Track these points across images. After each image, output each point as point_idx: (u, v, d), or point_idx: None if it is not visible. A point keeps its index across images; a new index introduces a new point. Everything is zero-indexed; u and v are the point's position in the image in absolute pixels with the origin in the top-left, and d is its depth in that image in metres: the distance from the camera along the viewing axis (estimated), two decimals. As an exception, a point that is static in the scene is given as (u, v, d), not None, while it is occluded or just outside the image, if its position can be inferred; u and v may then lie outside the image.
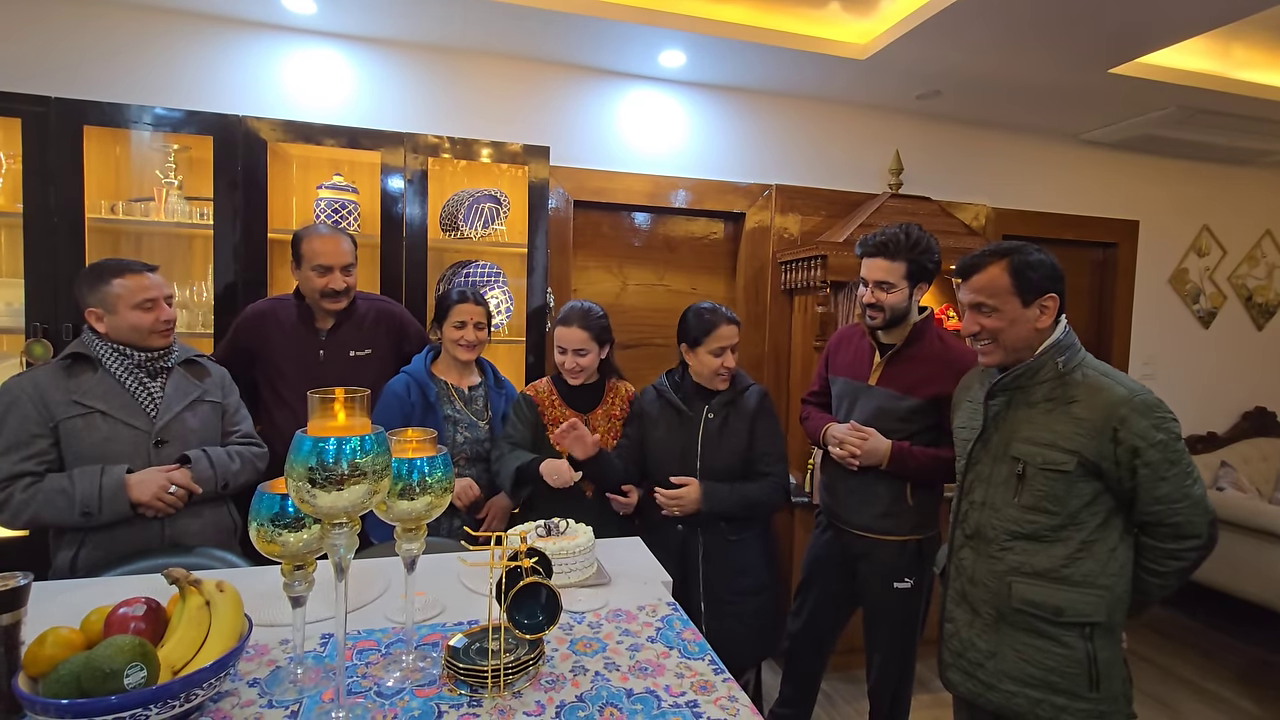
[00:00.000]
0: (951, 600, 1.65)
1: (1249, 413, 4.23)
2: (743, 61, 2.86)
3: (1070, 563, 1.46)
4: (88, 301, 1.72)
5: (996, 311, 1.52)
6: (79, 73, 2.43)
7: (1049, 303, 1.50)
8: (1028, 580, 1.49)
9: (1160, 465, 1.38)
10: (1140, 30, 2.45)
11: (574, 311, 2.02)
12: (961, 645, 1.61)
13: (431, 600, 1.39)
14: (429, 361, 2.12)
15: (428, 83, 2.80)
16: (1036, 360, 1.51)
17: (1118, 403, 1.41)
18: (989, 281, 1.53)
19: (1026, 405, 1.53)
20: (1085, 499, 1.45)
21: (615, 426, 2.07)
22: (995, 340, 1.54)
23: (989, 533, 1.56)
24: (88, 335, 1.74)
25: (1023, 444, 1.51)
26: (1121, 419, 1.40)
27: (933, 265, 1.92)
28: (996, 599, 1.53)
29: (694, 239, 3.34)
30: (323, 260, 2.08)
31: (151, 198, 2.40)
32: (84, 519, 1.63)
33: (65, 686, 0.87)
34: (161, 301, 1.77)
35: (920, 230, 1.92)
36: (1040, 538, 1.49)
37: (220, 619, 1.05)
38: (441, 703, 1.05)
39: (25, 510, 1.62)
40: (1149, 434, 1.38)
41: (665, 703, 1.08)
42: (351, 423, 0.94)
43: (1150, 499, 1.41)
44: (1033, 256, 1.51)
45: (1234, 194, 4.15)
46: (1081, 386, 1.47)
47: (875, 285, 1.92)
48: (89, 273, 1.76)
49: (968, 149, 3.57)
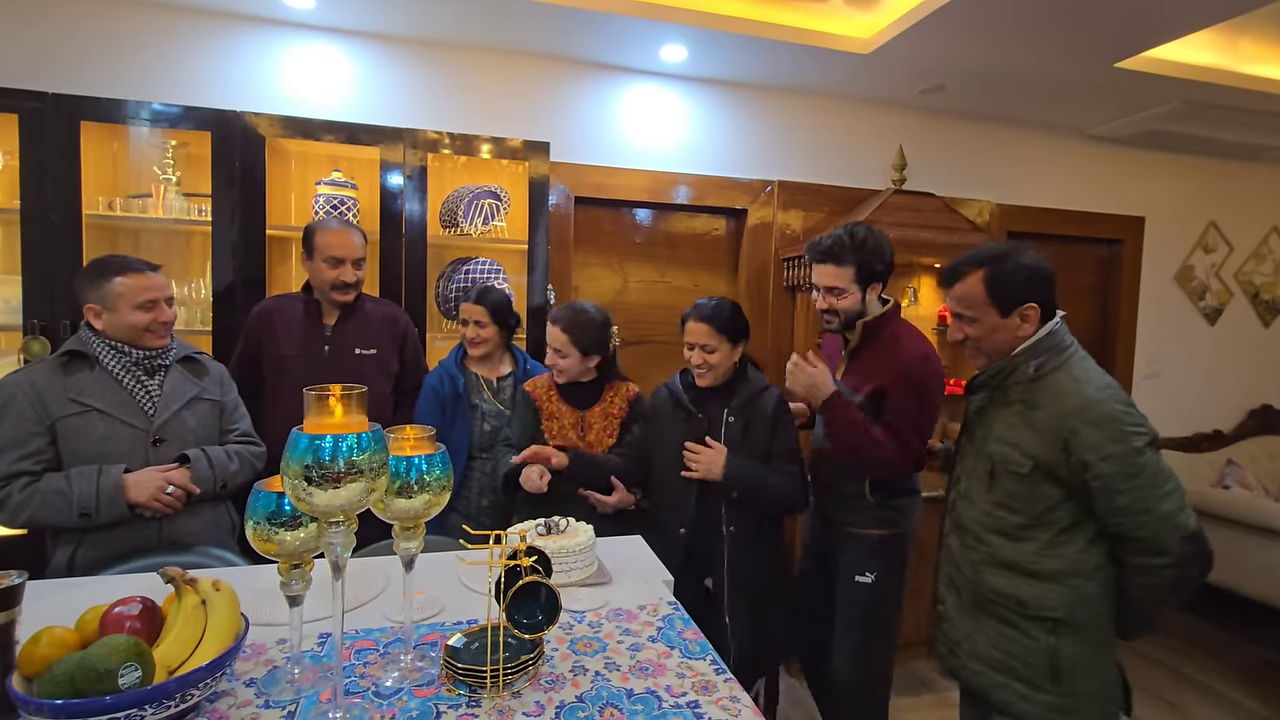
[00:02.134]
0: (942, 582, 1.71)
1: (1255, 410, 4.21)
2: (745, 56, 2.84)
3: (1037, 559, 1.48)
4: (87, 297, 1.70)
5: (975, 322, 1.54)
6: (76, 68, 2.41)
7: (1029, 311, 1.49)
8: (997, 571, 1.53)
9: (1114, 479, 1.37)
10: (1146, 24, 2.42)
11: (562, 310, 2.02)
12: (948, 625, 1.66)
13: (430, 599, 1.38)
14: (460, 355, 2.24)
15: (427, 78, 2.78)
16: (1009, 362, 1.53)
17: (1069, 413, 1.41)
18: (966, 292, 1.53)
19: (1003, 405, 1.55)
20: (1049, 502, 1.46)
21: (613, 425, 2.05)
22: (978, 347, 1.56)
23: (967, 523, 1.61)
24: (85, 332, 1.73)
25: (995, 443, 1.54)
26: (1072, 430, 1.39)
27: (882, 266, 1.89)
28: (973, 585, 1.58)
29: (695, 235, 3.33)
30: (335, 252, 2.11)
31: (149, 194, 2.39)
32: (82, 520, 1.62)
33: (60, 686, 0.86)
34: (162, 302, 1.76)
35: (868, 230, 1.89)
36: (1009, 534, 1.52)
37: (216, 618, 1.04)
38: (440, 703, 1.04)
39: (23, 511, 1.61)
40: (1101, 447, 1.37)
41: (666, 703, 1.06)
42: (348, 420, 0.93)
43: (1109, 510, 1.40)
44: (1011, 264, 1.49)
45: (1241, 190, 4.12)
46: (1047, 391, 1.46)
47: (826, 291, 1.91)
48: (91, 269, 1.74)
49: (972, 144, 3.54)
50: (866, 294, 1.90)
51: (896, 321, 1.97)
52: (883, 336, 1.94)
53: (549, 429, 2.02)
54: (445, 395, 2.16)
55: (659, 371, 2.14)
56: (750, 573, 1.93)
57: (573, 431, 2.01)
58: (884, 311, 1.95)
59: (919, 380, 1.87)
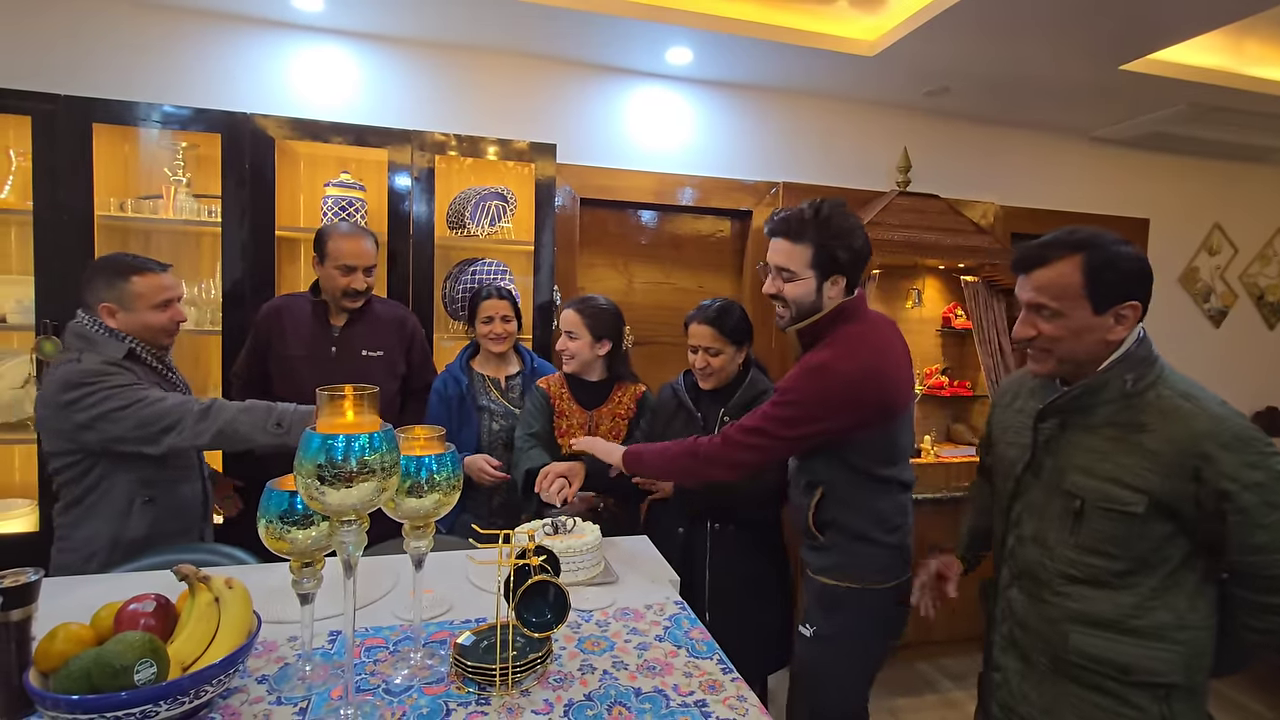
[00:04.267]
0: (999, 647, 1.40)
1: (1260, 413, 4.20)
2: (750, 58, 2.85)
3: (1140, 613, 1.20)
4: (101, 296, 1.71)
5: (1060, 317, 1.24)
6: (88, 71, 2.44)
7: (1128, 311, 1.21)
8: (1087, 631, 1.24)
9: (1258, 511, 1.11)
10: (1151, 26, 2.43)
11: (574, 299, 2.07)
12: (1011, 697, 1.36)
13: (439, 598, 1.39)
14: (467, 357, 2.24)
15: (435, 80, 2.80)
16: (1099, 377, 1.24)
17: (1200, 435, 1.14)
18: (1056, 279, 1.24)
19: (1085, 429, 1.26)
20: (1155, 542, 1.19)
21: (620, 426, 2.06)
22: (1051, 349, 1.27)
23: (1041, 574, 1.31)
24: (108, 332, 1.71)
25: (1080, 475, 1.25)
26: (1205, 455, 1.13)
27: (846, 254, 1.53)
28: (1051, 647, 1.28)
29: (701, 237, 3.34)
30: (348, 260, 2.11)
31: (160, 195, 2.41)
32: (275, 432, 1.68)
33: (76, 682, 0.87)
34: (175, 302, 1.79)
35: (836, 208, 1.54)
36: (1102, 583, 1.23)
37: (229, 616, 1.05)
38: (450, 700, 1.05)
39: (223, 414, 1.67)
40: (1242, 474, 1.12)
41: (674, 702, 1.07)
42: (360, 420, 0.94)
43: (1244, 548, 1.14)
44: (1115, 252, 1.22)
45: (1246, 192, 4.11)
46: (1154, 410, 1.19)
47: (776, 272, 1.58)
48: (105, 267, 1.75)
49: (976, 146, 3.55)
50: (824, 287, 1.54)
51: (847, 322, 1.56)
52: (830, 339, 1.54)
53: (558, 426, 2.03)
54: (450, 398, 2.17)
55: (664, 372, 2.14)
56: (738, 570, 1.91)
57: (581, 432, 2.02)
58: (835, 306, 1.55)
59: (812, 391, 1.49)
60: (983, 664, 1.48)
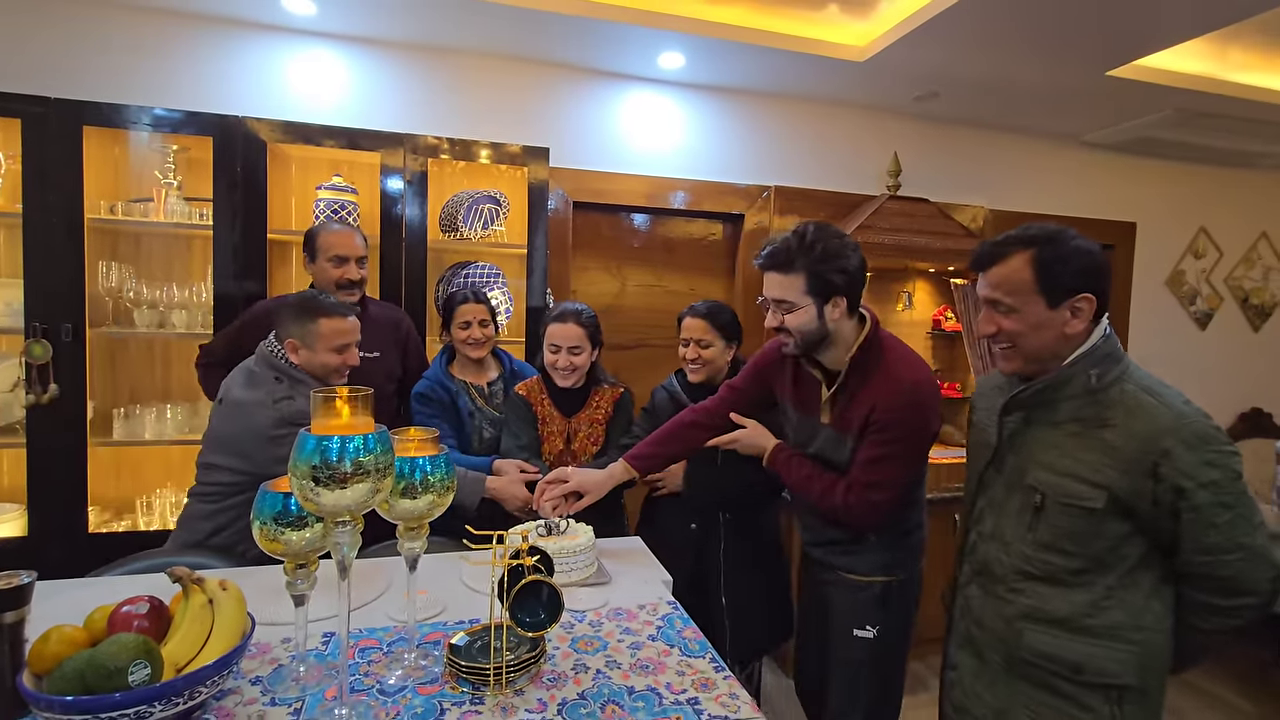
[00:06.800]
0: (955, 644, 1.42)
1: (1245, 414, 4.25)
2: (741, 63, 2.87)
3: (1094, 612, 1.21)
4: (290, 332, 1.75)
5: (1016, 312, 1.25)
6: (78, 73, 2.43)
7: (1082, 304, 1.22)
8: (1040, 629, 1.25)
9: (1210, 510, 1.13)
10: (1138, 33, 2.46)
11: (568, 309, 2.01)
12: (965, 697, 1.37)
13: (433, 599, 1.39)
14: (445, 363, 2.17)
15: (427, 84, 2.80)
16: (1064, 372, 1.24)
17: (1163, 431, 1.14)
18: (1009, 275, 1.25)
19: (1049, 425, 1.27)
20: (1112, 540, 1.20)
21: (597, 432, 2.04)
22: (1015, 345, 1.28)
23: (997, 569, 1.32)
24: (297, 370, 1.76)
25: (1042, 471, 1.26)
26: (1165, 451, 1.14)
27: (841, 277, 1.50)
28: (1005, 646, 1.29)
29: (693, 240, 3.35)
30: (339, 251, 2.12)
31: (151, 198, 2.40)
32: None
33: (70, 684, 0.87)
34: (353, 346, 1.81)
35: (823, 231, 1.52)
36: (1058, 581, 1.24)
37: (223, 617, 1.05)
38: (444, 700, 1.05)
39: None
40: (1199, 472, 1.12)
41: (666, 700, 1.08)
42: (355, 421, 0.94)
43: (1195, 548, 1.16)
44: (1065, 246, 1.23)
45: (1231, 196, 4.16)
46: (1118, 407, 1.19)
47: (775, 305, 1.57)
48: (297, 306, 1.78)
49: (966, 151, 3.58)
50: (825, 310, 1.53)
51: (882, 347, 1.59)
52: (870, 370, 1.55)
53: (539, 432, 2.04)
54: (443, 402, 2.09)
55: (655, 375, 2.16)
56: (748, 557, 1.98)
57: (559, 439, 2.03)
58: (864, 336, 1.56)
59: (911, 414, 1.52)
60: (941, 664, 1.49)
